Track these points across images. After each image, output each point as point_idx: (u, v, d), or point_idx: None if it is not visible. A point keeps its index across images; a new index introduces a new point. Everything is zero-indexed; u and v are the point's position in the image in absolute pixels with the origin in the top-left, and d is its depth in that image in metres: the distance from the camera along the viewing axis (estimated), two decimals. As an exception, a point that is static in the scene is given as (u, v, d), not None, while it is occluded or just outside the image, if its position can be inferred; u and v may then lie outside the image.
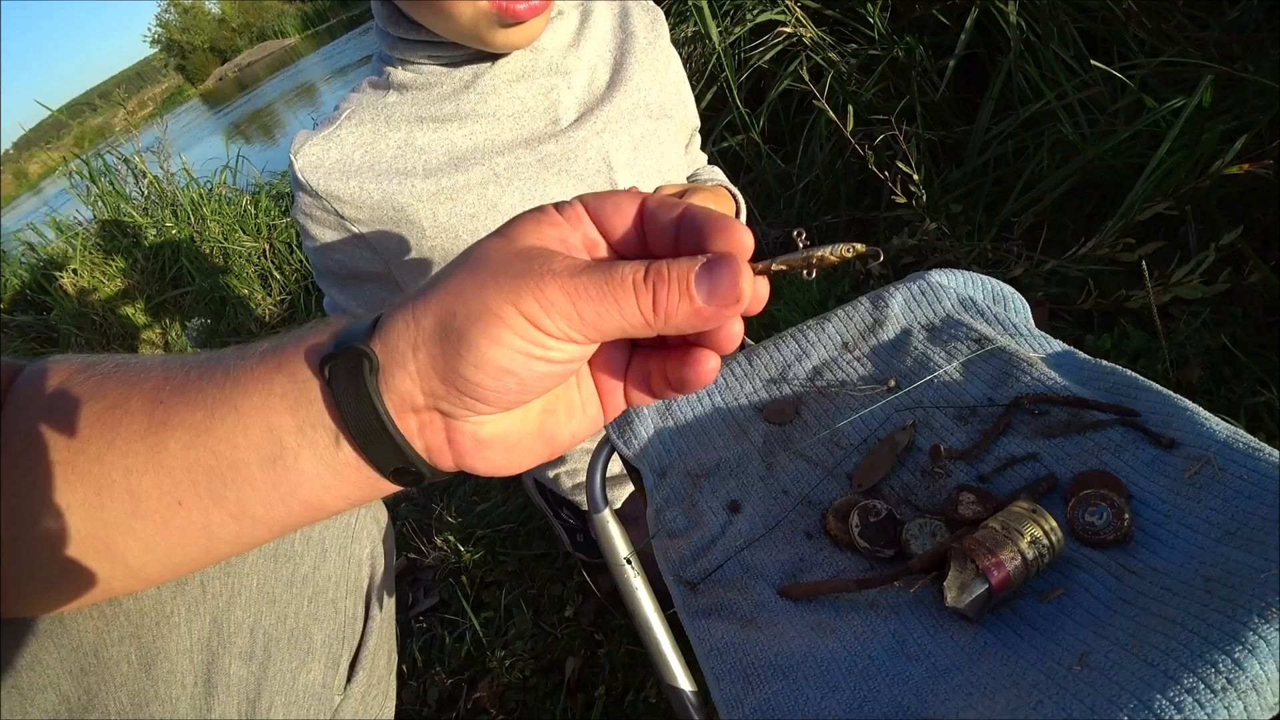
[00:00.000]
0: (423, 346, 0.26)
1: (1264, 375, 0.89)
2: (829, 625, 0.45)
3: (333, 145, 0.64)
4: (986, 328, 0.61)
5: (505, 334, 0.25)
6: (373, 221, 0.65)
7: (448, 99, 0.65)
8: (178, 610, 0.41)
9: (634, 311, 0.25)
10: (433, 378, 0.27)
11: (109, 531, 0.32)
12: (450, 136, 0.65)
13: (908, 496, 0.51)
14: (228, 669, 0.43)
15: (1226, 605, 0.35)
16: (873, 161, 1.22)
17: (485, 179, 0.65)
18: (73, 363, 0.35)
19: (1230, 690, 0.32)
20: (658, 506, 0.58)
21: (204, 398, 0.30)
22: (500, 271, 0.25)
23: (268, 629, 0.45)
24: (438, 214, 0.65)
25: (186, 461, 0.30)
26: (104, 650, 0.39)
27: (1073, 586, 0.41)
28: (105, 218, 3.01)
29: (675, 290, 0.25)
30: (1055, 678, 0.36)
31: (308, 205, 0.65)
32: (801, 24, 1.54)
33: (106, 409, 0.32)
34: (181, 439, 0.30)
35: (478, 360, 0.25)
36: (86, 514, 0.31)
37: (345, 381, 0.28)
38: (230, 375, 0.30)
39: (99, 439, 0.31)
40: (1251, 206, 1.03)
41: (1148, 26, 1.20)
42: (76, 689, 0.39)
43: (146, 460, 0.30)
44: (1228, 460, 0.43)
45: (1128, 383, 0.52)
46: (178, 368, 0.32)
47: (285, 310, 2.59)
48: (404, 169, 0.64)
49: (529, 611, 1.12)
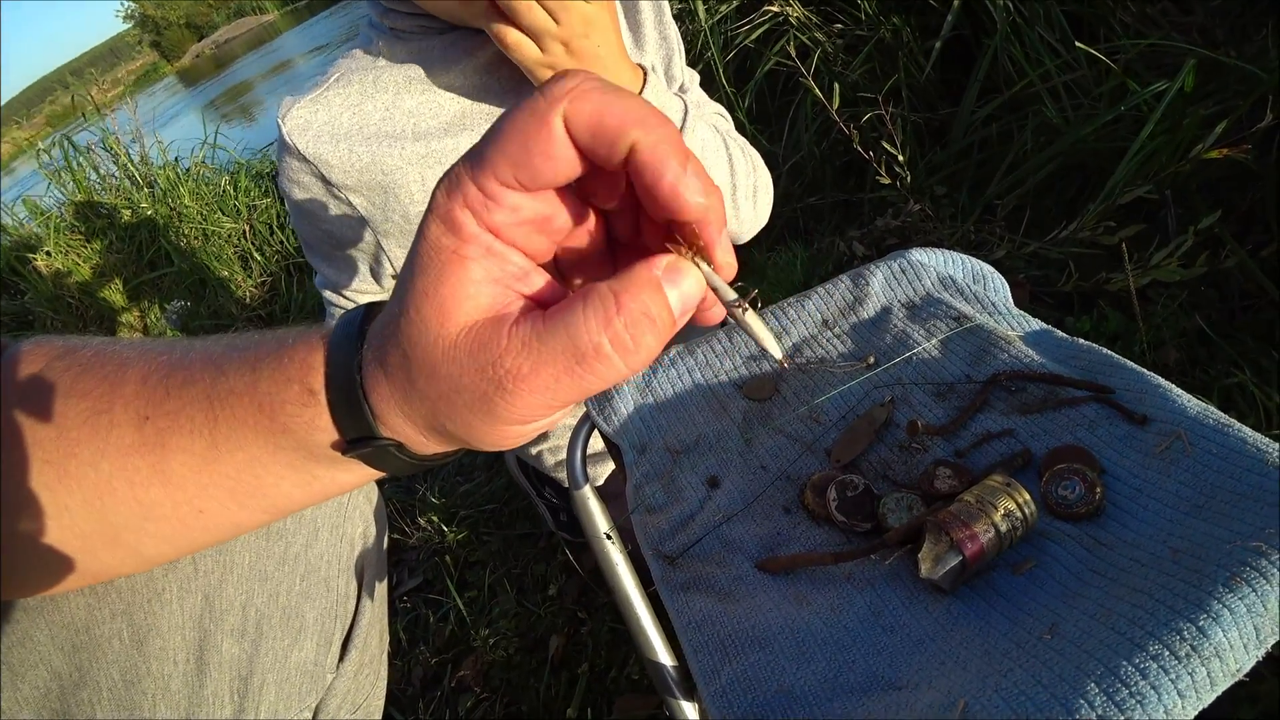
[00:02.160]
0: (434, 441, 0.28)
1: (1238, 357, 0.91)
2: (806, 597, 0.45)
3: (320, 107, 0.63)
4: (965, 306, 0.61)
5: (500, 438, 0.26)
6: (360, 187, 0.64)
7: (435, 62, 0.64)
8: (169, 588, 0.41)
9: (614, 373, 0.23)
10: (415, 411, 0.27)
11: (117, 530, 0.32)
12: (438, 99, 0.64)
13: (885, 471, 0.52)
14: (219, 646, 0.43)
15: (1192, 575, 0.36)
16: (858, 141, 1.22)
17: (473, 143, 0.64)
18: (52, 344, 0.34)
19: (1194, 656, 0.33)
20: (637, 482, 0.58)
21: (194, 426, 0.30)
22: (463, 391, 0.24)
23: (260, 607, 0.45)
24: (426, 178, 0.64)
25: (201, 481, 0.30)
26: (95, 627, 0.39)
27: (1045, 559, 0.42)
28: (79, 199, 2.94)
29: (643, 328, 0.23)
30: (1026, 646, 0.37)
31: (295, 170, 0.64)
32: (788, 3, 1.53)
33: (92, 413, 0.31)
34: (187, 462, 0.30)
35: (493, 445, 0.27)
36: (88, 514, 0.31)
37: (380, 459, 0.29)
38: (214, 411, 0.29)
39: (90, 445, 0.30)
40: (1230, 191, 1.04)
41: (1132, 10, 1.20)
42: (68, 665, 0.39)
43: (150, 475, 0.30)
44: (1198, 436, 0.43)
45: (1103, 360, 0.52)
46: (153, 371, 0.31)
47: (266, 292, 2.55)
48: (392, 131, 0.63)
49: (513, 590, 1.12)
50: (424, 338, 0.24)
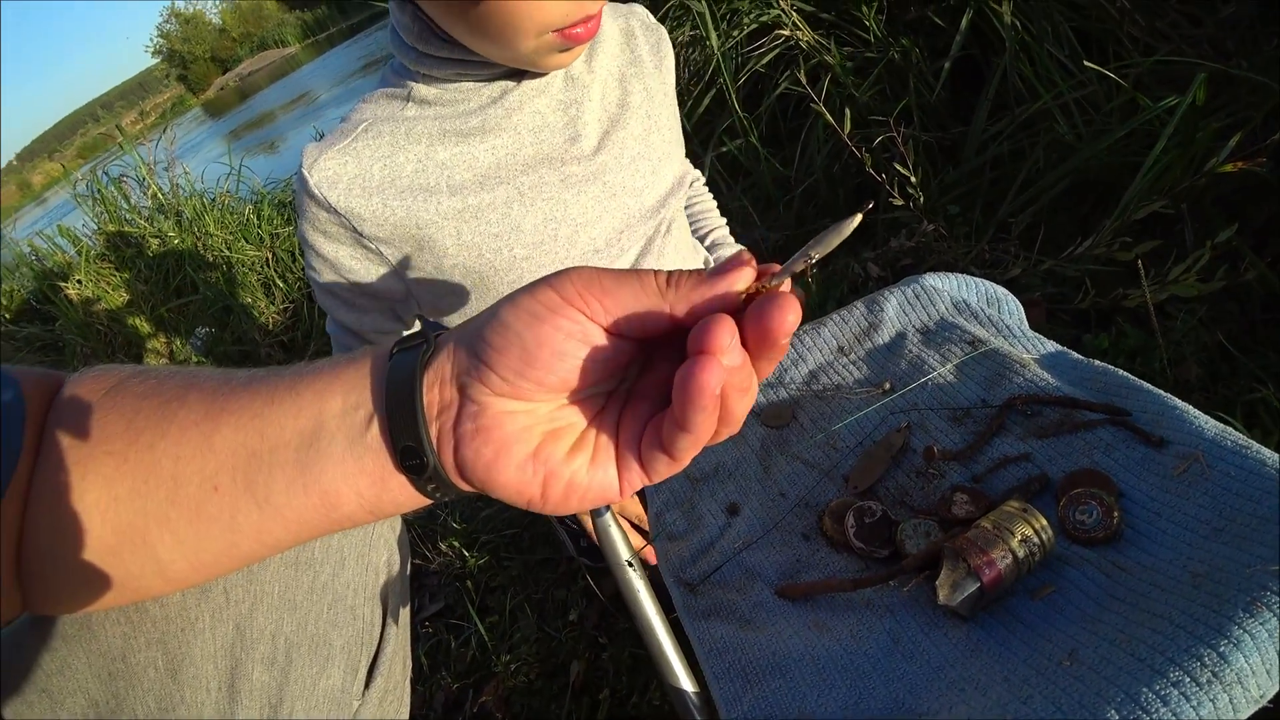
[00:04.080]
0: (468, 332, 0.31)
1: (1260, 372, 0.90)
2: (825, 624, 0.46)
3: (350, 159, 0.61)
4: (980, 330, 0.62)
5: (525, 299, 0.29)
6: (393, 240, 0.63)
7: (473, 114, 0.63)
8: (202, 617, 0.43)
9: (650, 282, 0.28)
10: (462, 350, 0.30)
11: (147, 522, 0.33)
12: (473, 151, 0.63)
13: (902, 497, 0.52)
14: (251, 674, 0.44)
15: (1213, 600, 0.36)
16: (870, 164, 1.23)
17: (510, 198, 0.64)
18: (124, 369, 0.37)
19: (1216, 683, 0.33)
20: (658, 509, 0.58)
21: (267, 387, 0.33)
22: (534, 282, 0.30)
23: (289, 635, 0.46)
24: (461, 232, 0.63)
25: (233, 445, 0.32)
26: (131, 655, 0.41)
27: (1063, 584, 0.42)
28: (110, 228, 3.03)
29: (687, 273, 0.28)
30: (1045, 673, 0.37)
31: (322, 221, 0.63)
32: (798, 27, 1.55)
33: (164, 402, 0.34)
34: (235, 422, 0.33)
35: (495, 323, 0.29)
36: (132, 503, 0.33)
37: (403, 358, 0.31)
38: (299, 371, 0.34)
39: (154, 429, 0.33)
40: (1246, 204, 1.03)
41: (1141, 25, 1.21)
42: (105, 693, 0.40)
43: (197, 445, 0.33)
44: (1216, 458, 0.43)
45: (1119, 382, 0.52)
46: (239, 371, 0.35)
47: (289, 318, 2.60)
48: (427, 185, 0.63)
49: (533, 616, 1.13)
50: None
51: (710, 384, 0.26)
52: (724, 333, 0.26)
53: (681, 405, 0.27)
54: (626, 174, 0.68)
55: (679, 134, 0.78)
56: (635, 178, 0.68)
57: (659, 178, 0.70)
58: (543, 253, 0.65)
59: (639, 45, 0.72)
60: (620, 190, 0.67)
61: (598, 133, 0.67)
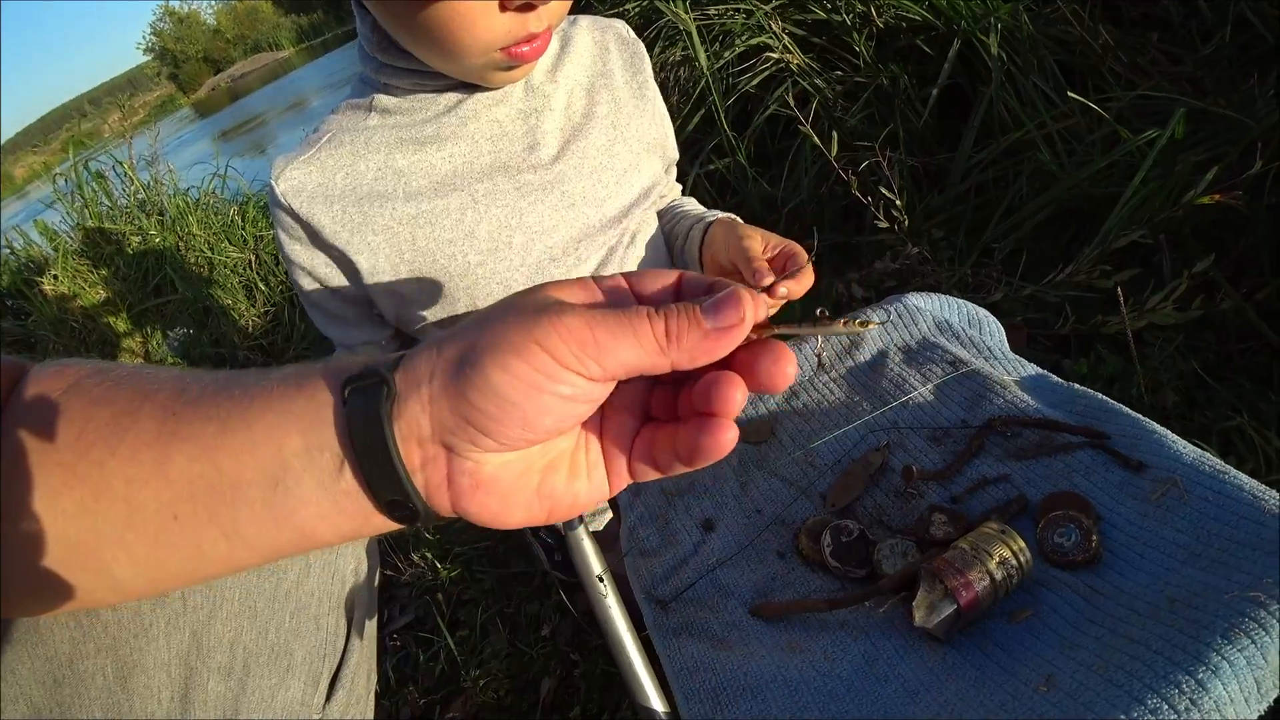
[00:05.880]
0: (439, 374, 0.28)
1: (1235, 401, 0.91)
2: (799, 645, 0.45)
3: (314, 169, 0.63)
4: (961, 350, 0.61)
5: (516, 363, 0.26)
6: (352, 246, 0.65)
7: (429, 122, 0.65)
8: (157, 623, 0.41)
9: (649, 338, 0.26)
10: (443, 404, 0.27)
11: (100, 542, 0.31)
12: (430, 159, 0.65)
13: (880, 517, 0.51)
14: (206, 684, 0.42)
15: (1191, 626, 0.35)
16: (856, 187, 1.24)
17: (464, 204, 0.65)
18: (83, 366, 0.34)
19: (1193, 710, 0.32)
20: (631, 524, 0.57)
21: (219, 411, 0.30)
22: (525, 310, 0.27)
23: (248, 644, 0.44)
24: (416, 238, 0.65)
25: (190, 475, 0.30)
26: (79, 662, 0.39)
27: (1041, 608, 0.42)
28: (90, 224, 2.98)
29: (685, 318, 0.27)
30: (1022, 699, 0.36)
31: (291, 228, 0.65)
32: (789, 50, 1.57)
33: (116, 415, 0.31)
34: (189, 451, 0.30)
35: (485, 386, 0.26)
36: (80, 520, 0.31)
37: (360, 402, 0.28)
38: (249, 392, 0.31)
39: (103, 445, 0.31)
40: (1223, 235, 1.05)
41: (1124, 61, 1.23)
42: (49, 701, 0.38)
43: (150, 470, 0.30)
44: (1194, 482, 0.43)
45: (1098, 406, 0.52)
46: (194, 381, 0.32)
47: (269, 322, 2.57)
48: (385, 192, 0.64)
49: (505, 630, 1.11)
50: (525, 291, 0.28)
51: (725, 445, 0.27)
52: (737, 397, 0.27)
53: (690, 454, 0.28)
54: (587, 183, 0.68)
55: (661, 146, 0.78)
56: (597, 187, 0.69)
57: (623, 188, 0.70)
58: (497, 259, 0.66)
59: (612, 59, 0.73)
60: (580, 200, 0.68)
61: (558, 142, 0.68)
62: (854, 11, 1.53)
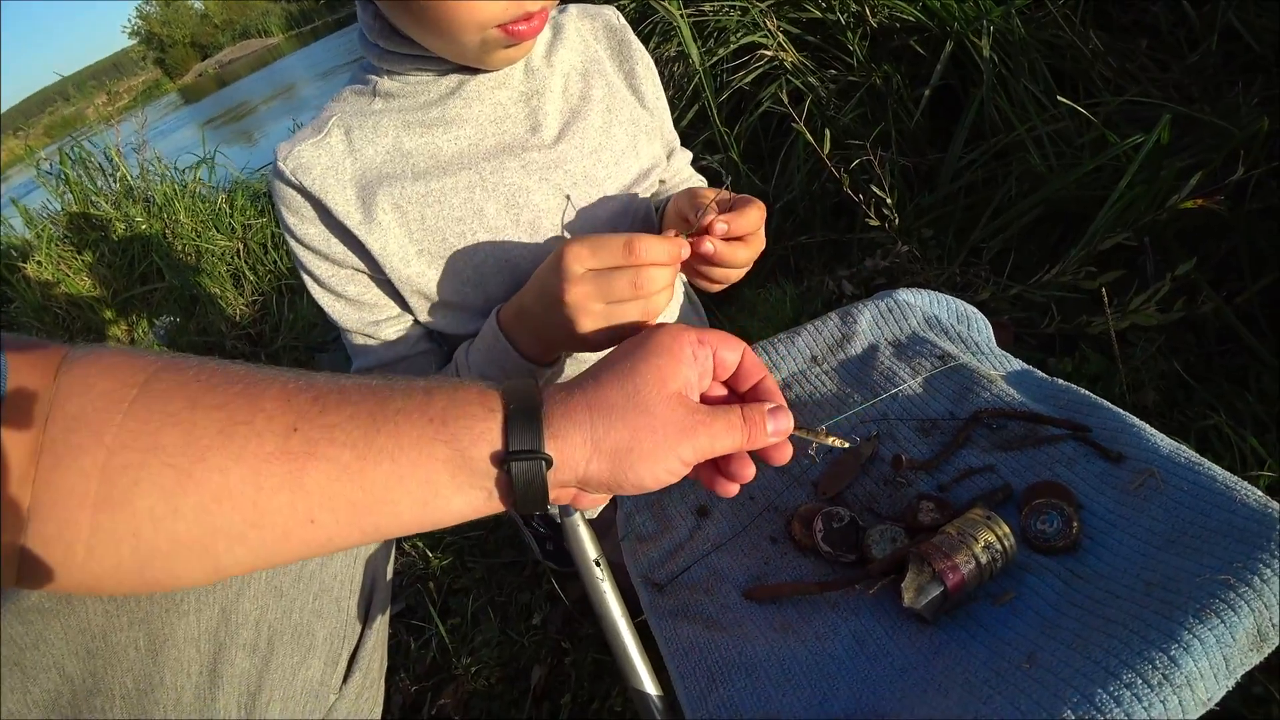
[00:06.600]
0: (597, 461, 0.36)
1: (1214, 400, 0.93)
2: (792, 626, 0.46)
3: (322, 152, 0.64)
4: (950, 345, 0.63)
5: (665, 475, 0.37)
6: (362, 226, 0.65)
7: (433, 105, 0.66)
8: (188, 599, 0.42)
9: (740, 439, 0.38)
10: (595, 479, 0.36)
11: (215, 537, 0.32)
12: (436, 141, 0.66)
13: (870, 504, 0.53)
14: (233, 660, 0.43)
15: (1165, 607, 0.37)
16: (848, 185, 1.26)
17: (471, 183, 0.66)
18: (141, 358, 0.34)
19: (1166, 685, 0.34)
20: (627, 510, 0.58)
21: (350, 439, 0.33)
22: (668, 422, 0.36)
23: (273, 623, 0.45)
24: (425, 216, 0.66)
25: (330, 492, 0.33)
26: (112, 634, 0.39)
27: (1024, 590, 0.43)
28: (74, 209, 2.94)
29: (759, 428, 0.39)
30: (1005, 675, 0.38)
31: (300, 205, 0.65)
32: (783, 48, 1.58)
33: (227, 423, 0.32)
34: (327, 471, 0.33)
35: (638, 482, 0.36)
36: (198, 519, 0.32)
37: (525, 477, 0.35)
38: (377, 424, 0.34)
39: (223, 452, 0.32)
40: (1206, 239, 1.08)
41: (1113, 66, 1.26)
42: (81, 670, 0.39)
43: (282, 480, 0.32)
44: (1170, 473, 0.45)
45: (1081, 400, 0.54)
46: (296, 391, 0.34)
47: (257, 311, 2.55)
48: (393, 173, 0.65)
49: (496, 619, 1.12)
50: (650, 383, 0.37)
51: (733, 492, 0.42)
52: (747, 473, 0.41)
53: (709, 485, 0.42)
54: (588, 163, 0.70)
55: (659, 128, 0.79)
56: (596, 167, 0.70)
57: (621, 168, 0.72)
58: (505, 238, 0.67)
59: (599, 46, 0.75)
60: (581, 179, 0.69)
61: (558, 123, 0.70)
62: (848, 11, 1.55)
